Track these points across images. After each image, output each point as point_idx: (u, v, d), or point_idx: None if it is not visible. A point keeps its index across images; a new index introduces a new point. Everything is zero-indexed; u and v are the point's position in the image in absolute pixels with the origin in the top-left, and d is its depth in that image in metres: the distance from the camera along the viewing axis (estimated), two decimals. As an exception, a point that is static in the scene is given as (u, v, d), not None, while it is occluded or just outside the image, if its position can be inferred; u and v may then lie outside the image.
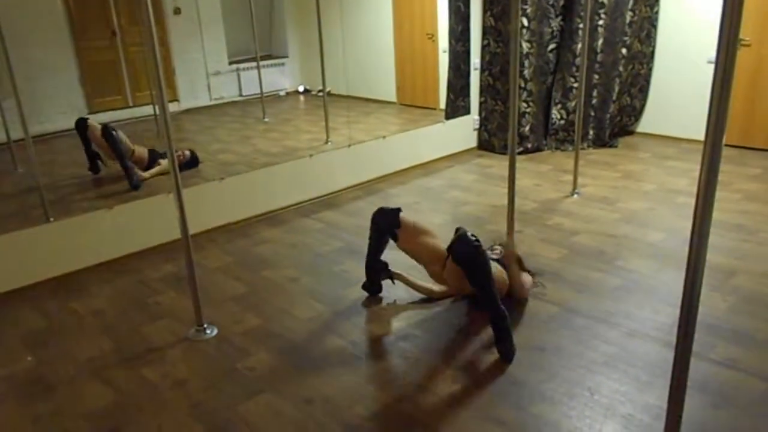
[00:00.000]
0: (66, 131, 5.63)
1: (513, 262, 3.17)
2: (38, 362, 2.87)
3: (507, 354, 2.71)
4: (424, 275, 3.37)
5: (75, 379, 2.73)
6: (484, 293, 2.76)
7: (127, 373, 2.75)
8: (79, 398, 2.59)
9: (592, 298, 3.23)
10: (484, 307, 2.81)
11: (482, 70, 6.09)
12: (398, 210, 3.14)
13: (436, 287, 3.31)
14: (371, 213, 3.28)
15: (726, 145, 1.34)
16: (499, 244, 3.36)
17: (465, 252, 2.75)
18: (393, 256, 3.40)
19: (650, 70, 6.35)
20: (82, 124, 4.80)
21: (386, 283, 3.36)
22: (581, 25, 5.55)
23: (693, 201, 1.59)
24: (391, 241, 3.25)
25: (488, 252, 3.16)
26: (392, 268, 3.31)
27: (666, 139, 6.32)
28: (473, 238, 2.75)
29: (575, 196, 4.79)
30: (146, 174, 4.80)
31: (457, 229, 2.96)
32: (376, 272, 3.30)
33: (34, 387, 2.68)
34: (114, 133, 4.68)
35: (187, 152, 4.98)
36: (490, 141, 6.23)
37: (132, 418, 2.45)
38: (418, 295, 3.32)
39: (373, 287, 3.34)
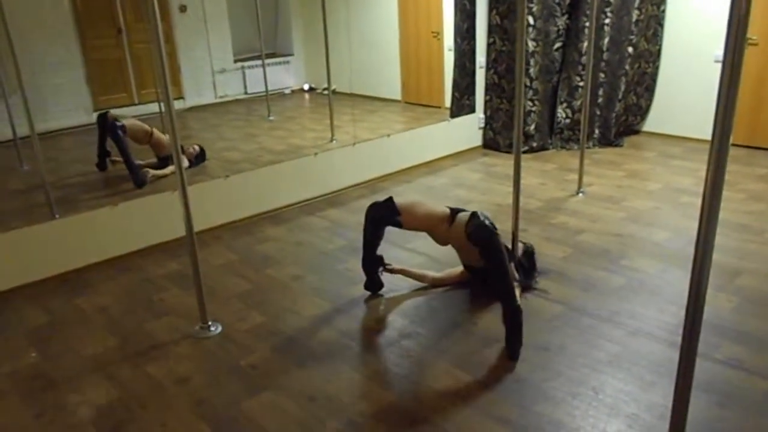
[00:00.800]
0: (72, 128, 5.65)
1: None
2: (42, 358, 2.88)
3: (514, 350, 2.71)
4: (425, 262, 3.38)
5: (79, 375, 2.74)
6: (500, 283, 2.79)
7: (131, 370, 2.76)
8: (83, 394, 2.60)
9: (597, 297, 3.22)
10: (499, 298, 2.83)
11: (488, 69, 6.07)
12: (391, 199, 3.16)
13: (431, 273, 3.41)
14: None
15: (732, 145, 1.33)
16: (522, 242, 3.42)
17: (482, 240, 2.83)
18: (392, 253, 3.41)
19: (656, 68, 6.32)
20: (103, 119, 4.84)
21: (388, 281, 3.36)
22: (587, 24, 5.53)
23: (698, 200, 1.58)
24: (385, 235, 3.26)
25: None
26: (388, 263, 3.34)
27: (672, 138, 6.29)
28: (490, 225, 2.85)
29: (580, 195, 4.77)
30: (159, 173, 4.84)
31: (473, 214, 2.97)
32: (373, 266, 3.31)
33: (37, 383, 2.69)
34: (119, 132, 4.70)
35: (197, 147, 5.15)
36: (495, 139, 6.22)
37: (135, 415, 2.45)
38: (420, 293, 3.32)
39: (374, 285, 3.34)
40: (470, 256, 3.18)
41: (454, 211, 3.15)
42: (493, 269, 2.82)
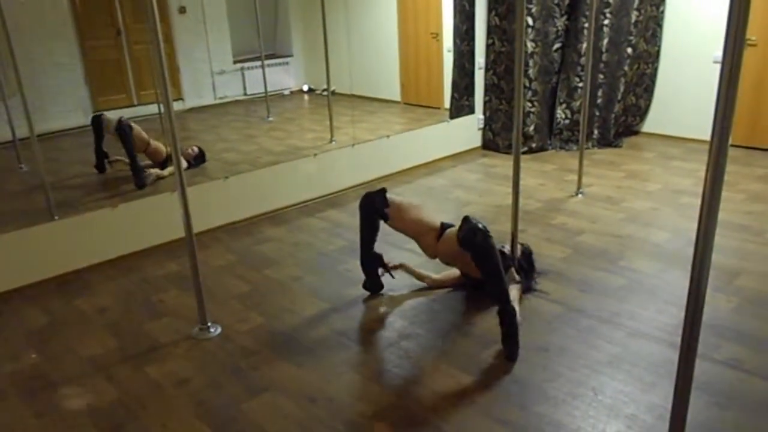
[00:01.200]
0: (71, 129, 5.64)
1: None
2: (42, 359, 2.88)
3: (512, 352, 2.71)
4: (425, 263, 3.38)
5: (79, 376, 2.73)
6: (494, 286, 2.76)
7: (130, 371, 2.76)
8: (83, 395, 2.59)
9: (597, 298, 3.22)
10: (494, 301, 2.80)
11: (487, 70, 6.08)
12: (384, 190, 3.15)
13: (431, 275, 3.40)
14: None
15: (731, 146, 1.33)
16: (519, 243, 3.41)
17: (475, 243, 2.74)
18: (392, 254, 3.39)
19: (655, 69, 6.32)
20: (97, 121, 4.86)
21: (387, 282, 3.36)
22: (586, 25, 5.53)
23: (698, 201, 1.58)
24: (382, 234, 3.25)
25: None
26: (388, 262, 3.35)
27: (671, 139, 6.29)
28: (483, 228, 2.75)
29: (580, 195, 4.78)
30: (160, 173, 4.82)
31: (465, 218, 2.88)
32: (372, 264, 3.30)
33: (37, 384, 2.69)
34: (127, 130, 4.70)
35: (195, 148, 5.13)
36: (494, 140, 6.22)
37: (136, 416, 2.45)
38: (419, 294, 3.32)
39: (373, 285, 3.33)
40: (466, 267, 3.16)
41: (445, 226, 3.14)
42: (486, 272, 2.78)
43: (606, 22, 5.88)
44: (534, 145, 6.07)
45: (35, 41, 5.41)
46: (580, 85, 5.91)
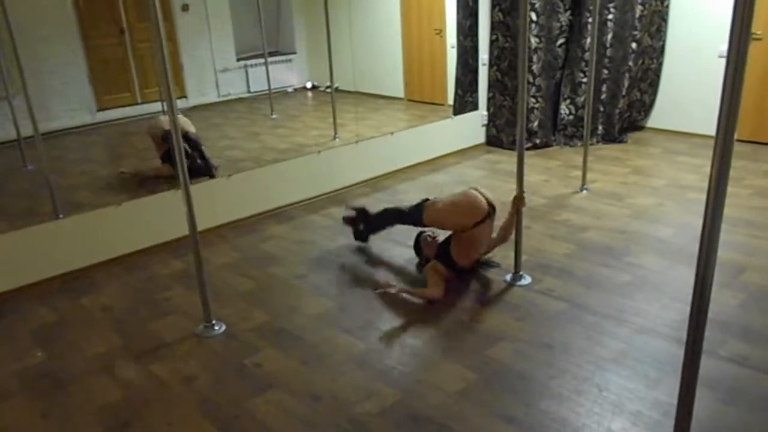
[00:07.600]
0: (75, 128, 5.65)
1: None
2: (48, 358, 2.89)
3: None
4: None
5: (84, 374, 2.74)
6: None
7: (136, 369, 2.76)
8: (89, 394, 2.60)
9: (601, 294, 3.21)
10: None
11: (490, 66, 6.06)
12: None
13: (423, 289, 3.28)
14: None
15: (738, 141, 1.33)
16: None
17: None
18: (394, 251, 3.36)
19: (660, 64, 6.29)
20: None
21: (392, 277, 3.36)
22: (590, 20, 5.50)
23: (703, 197, 1.57)
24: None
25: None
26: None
27: (676, 134, 6.26)
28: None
29: (584, 191, 4.76)
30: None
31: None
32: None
33: (43, 382, 2.70)
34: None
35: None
36: (498, 137, 6.20)
37: (141, 414, 2.46)
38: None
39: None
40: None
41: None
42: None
43: (610, 16, 5.85)
44: (538, 141, 6.05)
45: (39, 40, 5.42)
46: (584, 80, 5.89)
